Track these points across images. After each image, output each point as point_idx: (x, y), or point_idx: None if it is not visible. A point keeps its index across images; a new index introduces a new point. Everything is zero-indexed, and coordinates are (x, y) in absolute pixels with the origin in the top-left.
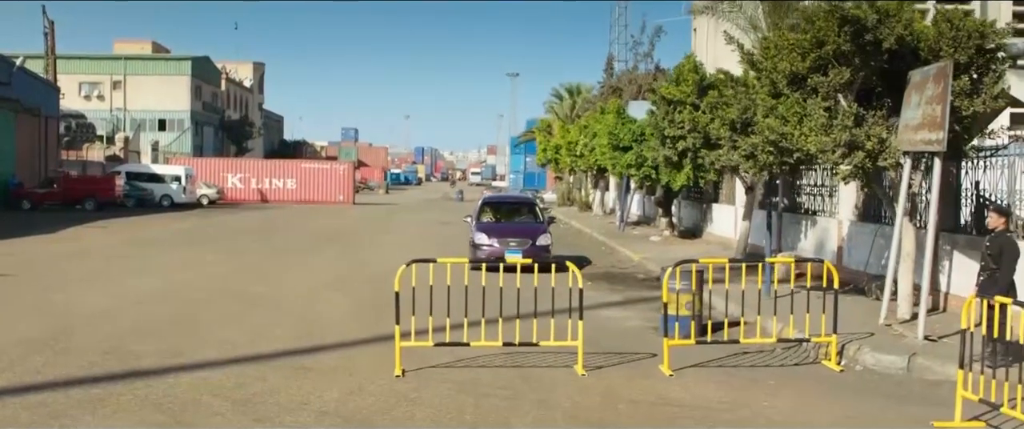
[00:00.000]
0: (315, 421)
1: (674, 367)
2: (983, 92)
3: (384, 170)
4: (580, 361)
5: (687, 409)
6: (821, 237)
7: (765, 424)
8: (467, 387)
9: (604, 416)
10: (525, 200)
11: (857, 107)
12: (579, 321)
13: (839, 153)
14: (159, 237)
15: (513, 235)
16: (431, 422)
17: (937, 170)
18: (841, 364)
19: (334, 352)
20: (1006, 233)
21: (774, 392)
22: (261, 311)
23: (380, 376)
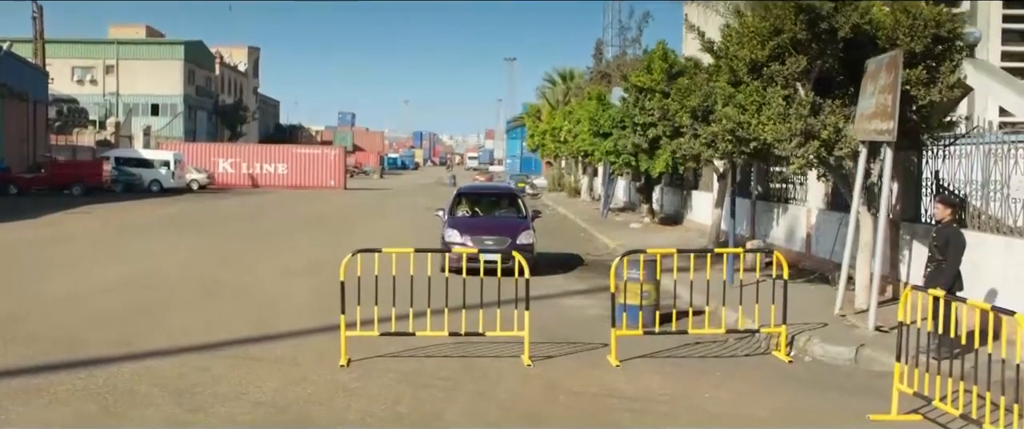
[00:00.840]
0: (247, 411)
1: (625, 357)
2: (939, 81)
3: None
4: (526, 351)
5: (627, 401)
6: (792, 225)
7: (701, 416)
8: (409, 377)
9: (541, 408)
10: (506, 191)
11: (814, 96)
12: (526, 311)
13: (795, 142)
14: (141, 223)
15: (490, 232)
16: (364, 413)
17: (888, 160)
18: (790, 355)
19: (287, 341)
20: (952, 224)
21: (719, 383)
22: (224, 299)
23: (325, 366)
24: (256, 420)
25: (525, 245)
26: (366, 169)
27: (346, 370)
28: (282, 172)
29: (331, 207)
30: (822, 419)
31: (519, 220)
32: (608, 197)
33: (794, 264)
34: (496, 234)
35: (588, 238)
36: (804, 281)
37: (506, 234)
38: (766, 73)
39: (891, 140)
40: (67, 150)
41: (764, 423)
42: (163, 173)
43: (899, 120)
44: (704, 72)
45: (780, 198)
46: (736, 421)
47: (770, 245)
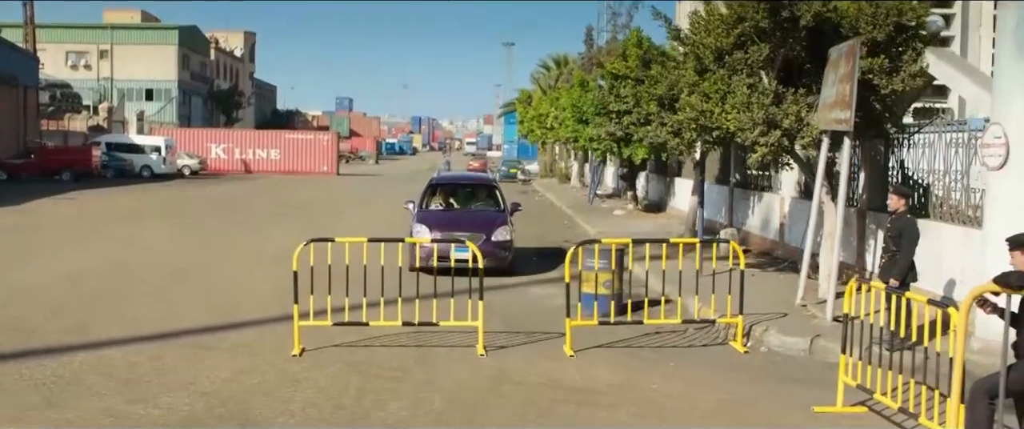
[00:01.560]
0: (190, 402)
1: (581, 347)
2: (902, 70)
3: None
4: (480, 341)
5: (572, 392)
6: (767, 213)
7: (645, 408)
8: (359, 367)
9: (483, 398)
10: (483, 181)
11: (777, 85)
12: (479, 302)
13: (758, 131)
14: (124, 209)
15: (463, 228)
16: (307, 404)
17: (846, 149)
18: (747, 345)
19: (245, 330)
20: (906, 215)
21: (670, 374)
22: (190, 287)
23: (278, 355)
24: (195, 411)
25: (502, 242)
26: (362, 154)
27: (298, 360)
28: (275, 157)
29: (319, 193)
30: (767, 411)
31: (495, 214)
32: (595, 183)
33: (768, 252)
34: (469, 230)
35: (571, 225)
36: (775, 270)
37: (480, 230)
38: (728, 61)
39: (849, 130)
40: (59, 136)
41: (708, 415)
42: (154, 159)
43: (864, 109)
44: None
45: (756, 186)
46: (678, 413)
47: (747, 233)
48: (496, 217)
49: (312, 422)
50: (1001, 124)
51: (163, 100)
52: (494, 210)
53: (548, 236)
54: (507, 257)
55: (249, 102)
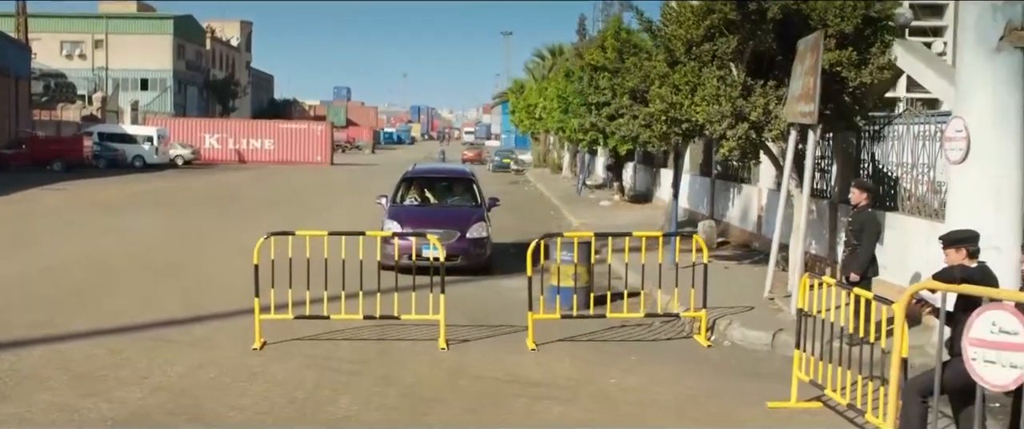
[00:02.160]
0: (142, 396)
1: (546, 341)
2: (870, 63)
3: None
4: (442, 335)
5: (529, 386)
6: (746, 205)
7: (600, 402)
8: (317, 361)
9: (438, 393)
10: (460, 175)
11: (745, 77)
12: (441, 295)
13: (726, 123)
14: (113, 200)
15: (436, 224)
16: (259, 398)
17: (811, 143)
18: (710, 339)
19: (211, 322)
20: (868, 209)
21: (630, 369)
22: (165, 278)
23: (239, 349)
24: (146, 406)
25: (477, 239)
26: (358, 144)
27: (258, 353)
28: (269, 147)
29: (310, 184)
30: (722, 406)
31: (471, 210)
32: (583, 174)
33: (746, 244)
34: (443, 226)
35: (556, 216)
36: (750, 262)
37: (454, 226)
38: (695, 52)
39: (812, 123)
40: (52, 126)
41: (662, 410)
42: (146, 149)
43: (834, 102)
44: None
45: (736, 178)
46: (633, 408)
47: (727, 225)
48: (472, 213)
49: (262, 417)
50: (962, 118)
51: (158, 90)
52: (470, 206)
53: (531, 228)
54: (483, 255)
55: (245, 91)
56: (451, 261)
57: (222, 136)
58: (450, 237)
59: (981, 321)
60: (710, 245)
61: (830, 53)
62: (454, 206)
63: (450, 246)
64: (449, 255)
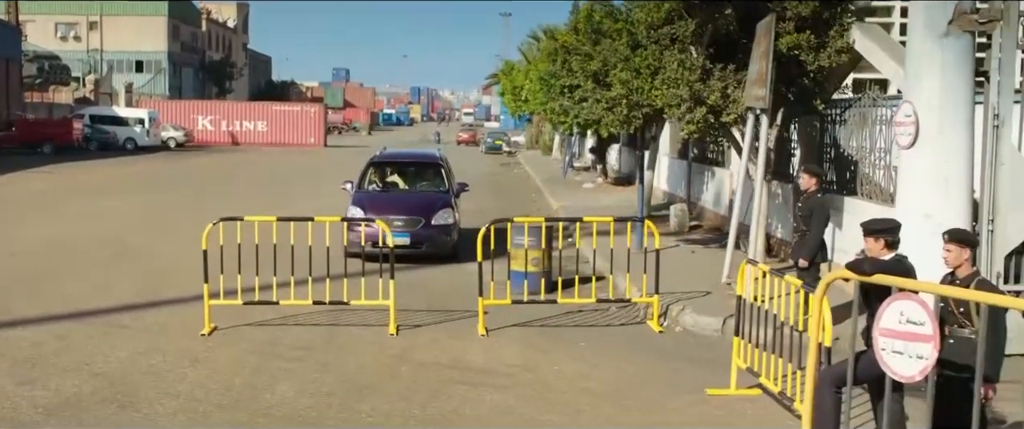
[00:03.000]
0: (78, 383)
1: (498, 326)
2: (828, 46)
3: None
4: (392, 321)
5: (469, 373)
6: (719, 188)
7: (537, 389)
8: (264, 347)
9: (376, 380)
10: (428, 160)
11: (704, 60)
12: (391, 280)
13: (685, 107)
14: (95, 183)
15: (400, 211)
16: (196, 385)
17: (763, 128)
18: (663, 325)
19: (166, 308)
20: (817, 194)
21: (576, 355)
22: (129, 263)
23: (188, 335)
24: (81, 393)
25: (443, 226)
26: (355, 125)
27: (206, 339)
28: (262, 129)
29: (298, 166)
30: (660, 393)
31: (438, 195)
32: (569, 156)
33: (719, 227)
34: (407, 213)
35: (538, 199)
36: (718, 246)
37: (419, 213)
38: (653, 35)
39: (764, 107)
40: (44, 108)
41: (597, 397)
42: (138, 131)
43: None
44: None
45: (711, 161)
46: (567, 395)
47: (702, 208)
48: (438, 199)
49: (194, 404)
50: (912, 102)
51: (153, 72)
52: (437, 191)
53: (510, 210)
54: (449, 241)
55: (241, 73)
56: (415, 248)
57: (215, 118)
58: (414, 223)
59: (890, 311)
60: (682, 228)
61: (789, 36)
62: (420, 192)
63: (414, 232)
64: (413, 241)
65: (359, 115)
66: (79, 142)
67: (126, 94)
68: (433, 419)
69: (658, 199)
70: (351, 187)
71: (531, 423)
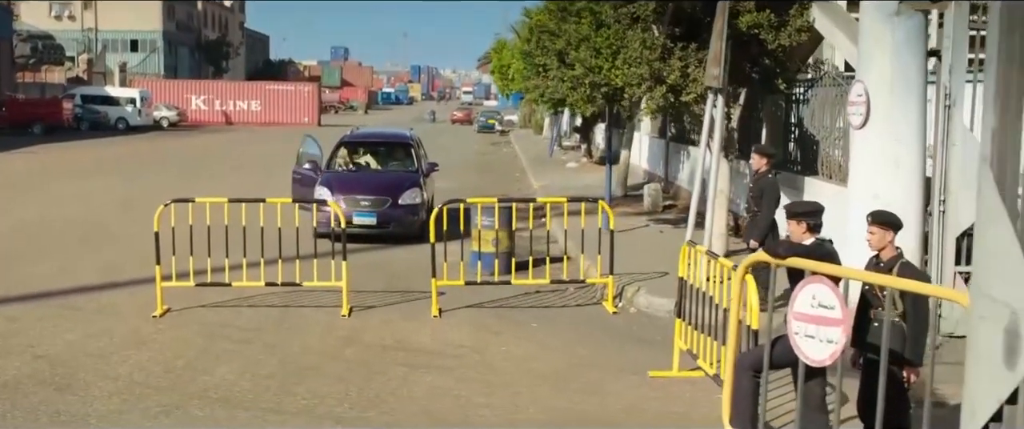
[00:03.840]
0: (19, 366)
1: (454, 307)
2: (788, 25)
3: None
4: (345, 302)
5: (414, 354)
6: (694, 168)
7: (479, 371)
8: (214, 329)
9: (319, 362)
10: (398, 139)
11: (665, 39)
12: (343, 262)
13: (645, 87)
14: (81, 164)
15: (367, 191)
16: (136, 368)
17: (719, 106)
18: (618, 306)
19: (124, 289)
20: (768, 175)
21: (527, 336)
22: (96, 244)
23: (140, 317)
24: (20, 375)
25: (410, 206)
26: (353, 104)
27: (157, 321)
28: (255, 109)
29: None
30: (603, 375)
31: (406, 175)
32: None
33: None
34: (374, 193)
35: (521, 178)
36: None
37: (386, 193)
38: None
39: (718, 86)
40: (36, 88)
41: (538, 379)
42: (129, 111)
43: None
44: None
45: (688, 141)
46: (509, 377)
47: (678, 187)
48: (406, 178)
49: (132, 387)
50: (863, 82)
51: (147, 51)
52: (405, 171)
53: (492, 189)
54: (416, 221)
55: (237, 52)
56: (382, 228)
57: (209, 98)
58: (381, 203)
59: (803, 295)
60: (656, 208)
61: (749, 15)
62: (387, 172)
63: (381, 212)
64: (380, 221)
65: (357, 94)
66: (69, 122)
67: (120, 74)
68: (367, 401)
69: (639, 178)
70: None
71: (466, 405)
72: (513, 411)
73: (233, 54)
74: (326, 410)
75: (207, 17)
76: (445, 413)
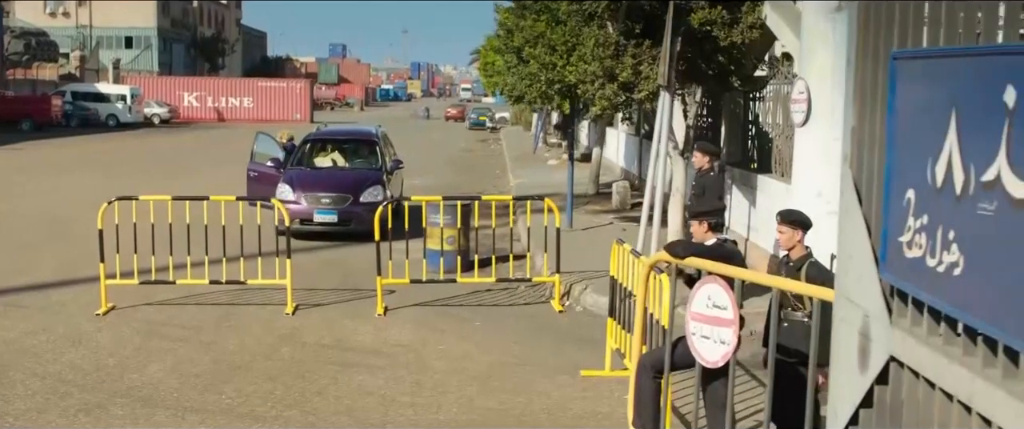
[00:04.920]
0: None
1: (400, 305)
2: (740, 22)
3: (364, 87)
4: (289, 300)
5: (349, 353)
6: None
7: (413, 370)
8: (154, 327)
9: (251, 361)
10: (363, 136)
11: (618, 36)
12: (287, 260)
13: (597, 84)
14: (61, 161)
15: (329, 189)
16: (70, 366)
17: (665, 104)
18: (565, 305)
19: (74, 287)
20: (710, 173)
21: (468, 335)
22: (59, 242)
23: (83, 314)
24: None
25: (371, 203)
26: (349, 101)
27: (100, 319)
28: (248, 105)
29: None
30: (534, 374)
31: (369, 172)
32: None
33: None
34: (335, 190)
35: (501, 175)
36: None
37: (348, 190)
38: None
39: (663, 84)
40: (28, 85)
41: (469, 378)
42: (119, 108)
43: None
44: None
45: None
46: (440, 376)
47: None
48: (368, 176)
49: (58, 385)
50: (805, 79)
51: (142, 48)
52: (368, 168)
53: (470, 186)
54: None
55: (233, 49)
56: (343, 225)
57: (201, 94)
58: (342, 201)
59: (700, 295)
60: (623, 206)
61: (702, 12)
62: (350, 170)
63: (342, 210)
64: (341, 219)
65: (354, 90)
66: (59, 119)
67: (114, 70)
68: (292, 400)
69: (615, 175)
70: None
71: (389, 404)
72: (435, 410)
73: (229, 51)
74: (248, 409)
75: (203, 14)
76: (367, 412)
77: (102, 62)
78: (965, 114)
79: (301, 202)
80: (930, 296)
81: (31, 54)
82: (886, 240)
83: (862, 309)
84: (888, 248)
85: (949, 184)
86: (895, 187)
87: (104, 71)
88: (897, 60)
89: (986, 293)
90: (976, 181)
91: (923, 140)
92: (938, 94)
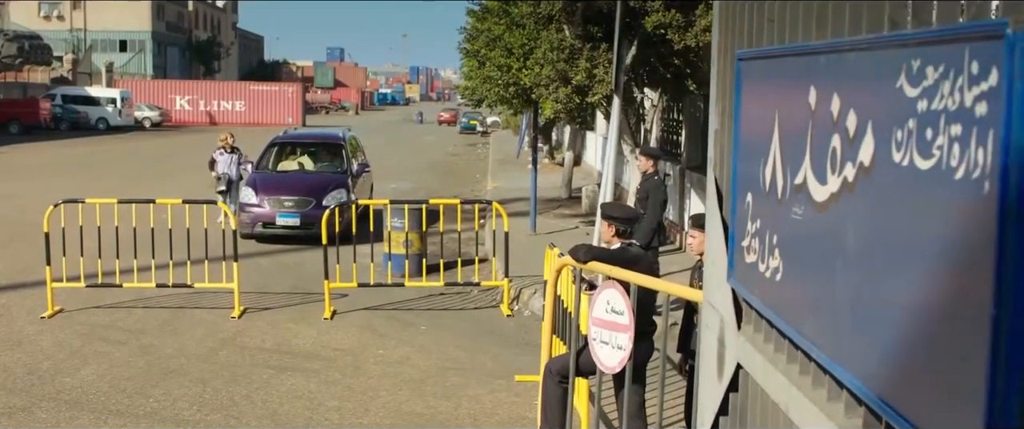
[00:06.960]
0: None
1: (349, 309)
2: (694, 25)
3: (360, 90)
4: (236, 303)
5: (288, 357)
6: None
7: (346, 374)
8: (96, 330)
9: (187, 364)
10: (330, 140)
11: (574, 40)
12: (235, 263)
13: (552, 87)
14: (41, 163)
15: (291, 192)
16: (1, 369)
17: (615, 107)
18: (513, 309)
19: (23, 291)
20: (654, 177)
21: (410, 340)
22: (18, 245)
23: (28, 318)
24: None
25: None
26: (344, 105)
27: (44, 322)
28: (240, 109)
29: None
30: (469, 379)
31: (333, 176)
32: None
33: None
34: (298, 194)
35: (480, 179)
36: None
37: (310, 193)
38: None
39: (611, 88)
40: (19, 88)
41: (403, 382)
42: (109, 111)
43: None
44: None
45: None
46: (372, 380)
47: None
48: (332, 180)
49: None
50: None
51: (136, 51)
52: (334, 172)
53: (446, 190)
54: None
55: (228, 53)
56: (305, 229)
57: (193, 98)
58: (305, 204)
59: (599, 300)
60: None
61: (656, 15)
62: (315, 173)
63: (305, 213)
64: (303, 222)
65: (349, 94)
66: (48, 122)
67: (107, 74)
68: (219, 403)
69: (594, 179)
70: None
71: (316, 408)
72: (361, 414)
73: (224, 55)
74: (173, 413)
75: (198, 17)
76: (292, 416)
77: (95, 65)
78: (783, 116)
79: (264, 205)
80: (760, 302)
81: (24, 57)
82: (733, 245)
83: (719, 315)
84: (734, 253)
85: (774, 188)
86: (739, 191)
87: (97, 74)
88: (742, 61)
89: (795, 297)
90: (791, 184)
91: (758, 143)
92: (768, 96)
